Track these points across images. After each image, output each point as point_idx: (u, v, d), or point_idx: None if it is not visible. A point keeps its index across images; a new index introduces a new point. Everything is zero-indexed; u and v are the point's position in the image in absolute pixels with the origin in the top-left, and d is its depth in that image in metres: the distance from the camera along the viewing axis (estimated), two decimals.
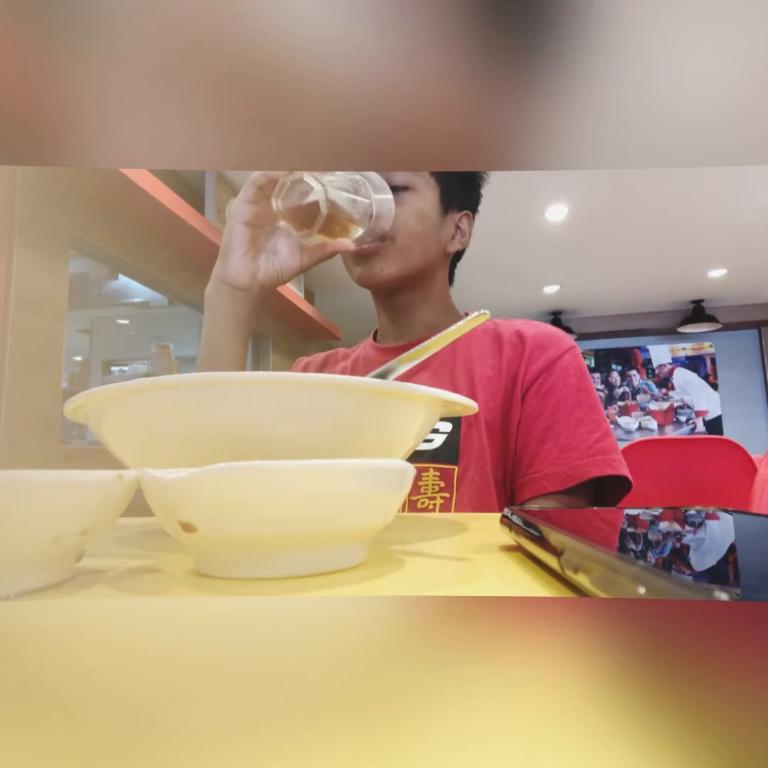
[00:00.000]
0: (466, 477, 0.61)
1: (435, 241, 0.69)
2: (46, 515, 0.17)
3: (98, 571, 0.21)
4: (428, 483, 0.61)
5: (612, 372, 4.93)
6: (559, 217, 2.99)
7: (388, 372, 0.37)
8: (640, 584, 0.11)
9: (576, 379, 0.63)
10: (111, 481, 0.19)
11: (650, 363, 4.87)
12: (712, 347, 4.74)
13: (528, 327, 0.68)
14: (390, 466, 0.20)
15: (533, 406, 0.62)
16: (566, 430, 0.60)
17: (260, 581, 0.19)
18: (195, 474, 0.18)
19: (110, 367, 2.98)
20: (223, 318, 0.56)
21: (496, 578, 0.19)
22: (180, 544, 0.29)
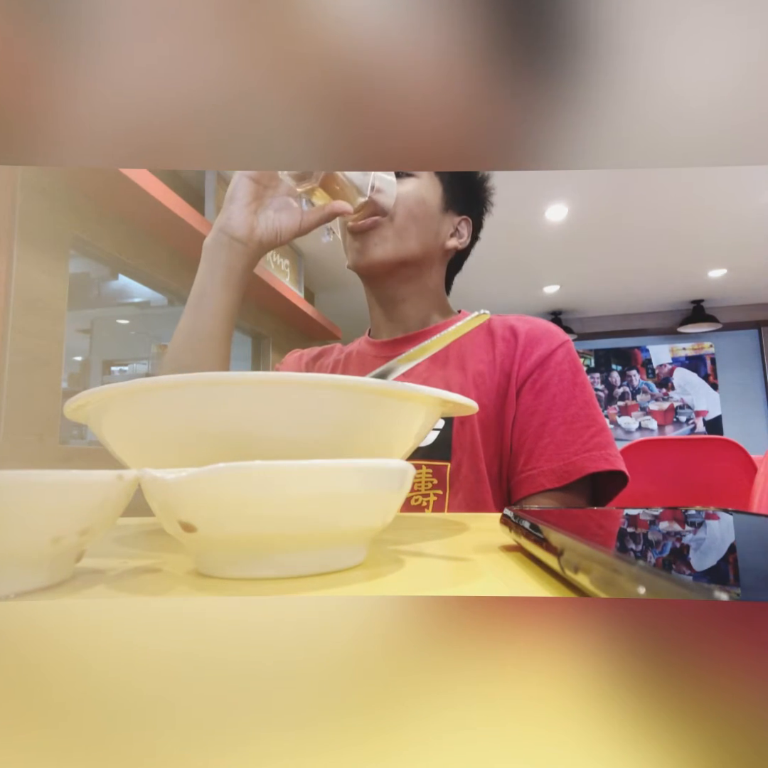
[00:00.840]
0: (460, 474, 0.61)
1: (432, 232, 0.69)
2: (45, 515, 0.17)
3: (98, 571, 0.21)
4: (421, 480, 0.62)
5: (612, 372, 4.93)
6: (559, 217, 2.99)
7: (388, 372, 0.37)
8: (640, 584, 0.11)
9: (571, 373, 0.62)
10: (111, 481, 0.19)
11: (650, 363, 4.87)
12: (712, 347, 4.74)
13: (521, 322, 0.67)
14: (390, 466, 0.20)
15: (528, 402, 0.62)
16: (562, 426, 0.59)
17: (260, 581, 0.19)
18: (195, 474, 0.18)
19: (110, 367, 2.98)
20: (217, 268, 0.56)
21: (496, 578, 0.19)
22: (180, 544, 0.29)
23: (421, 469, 0.62)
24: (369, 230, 0.66)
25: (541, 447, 0.59)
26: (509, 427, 0.62)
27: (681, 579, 0.11)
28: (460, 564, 0.22)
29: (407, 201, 0.66)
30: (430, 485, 0.61)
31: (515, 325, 0.67)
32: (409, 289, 0.71)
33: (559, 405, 0.61)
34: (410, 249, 0.67)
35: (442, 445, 0.62)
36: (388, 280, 0.70)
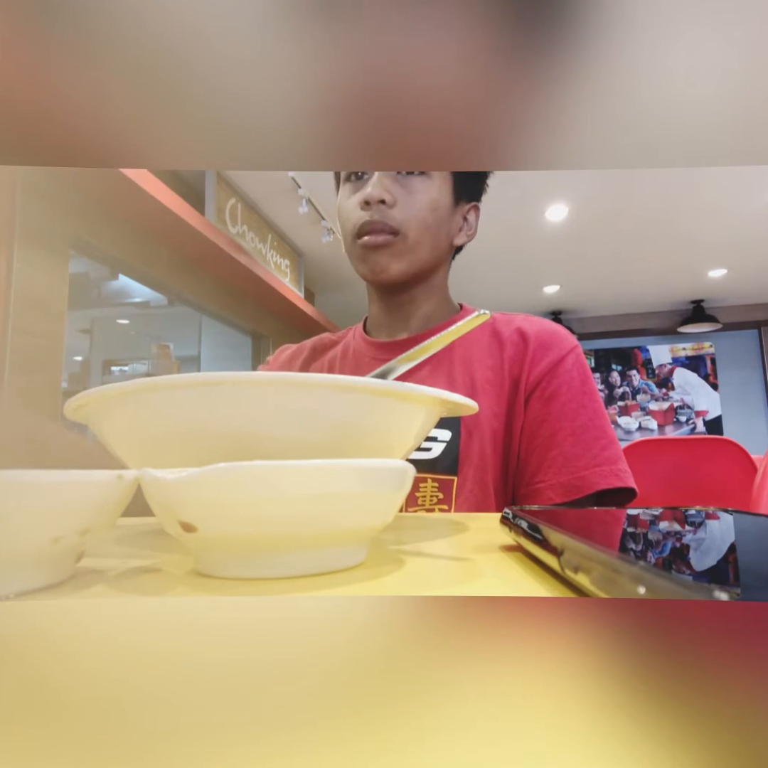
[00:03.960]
0: (465, 488, 0.58)
1: (444, 234, 0.67)
2: (46, 515, 0.17)
3: (98, 571, 0.21)
4: (426, 494, 0.59)
5: (612, 372, 4.93)
6: (559, 217, 3.00)
7: (388, 372, 0.37)
8: (640, 584, 0.11)
9: (580, 381, 0.61)
10: (111, 481, 0.19)
11: (650, 363, 4.87)
12: (712, 347, 4.74)
13: (529, 324, 0.65)
14: (390, 466, 0.20)
15: (537, 410, 0.60)
16: (571, 437, 0.58)
17: (260, 581, 0.19)
18: (195, 474, 0.18)
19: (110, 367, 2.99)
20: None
21: (496, 578, 0.19)
22: (180, 544, 0.29)
23: (426, 482, 0.59)
24: (381, 249, 0.63)
25: (549, 459, 0.58)
26: (517, 436, 0.60)
27: (681, 579, 0.11)
28: (460, 564, 0.22)
29: (420, 214, 0.63)
30: (435, 500, 0.59)
31: (523, 327, 0.64)
32: (417, 291, 0.69)
33: (568, 414, 0.59)
34: (423, 259, 0.65)
35: (448, 458, 0.59)
36: (398, 287, 0.68)
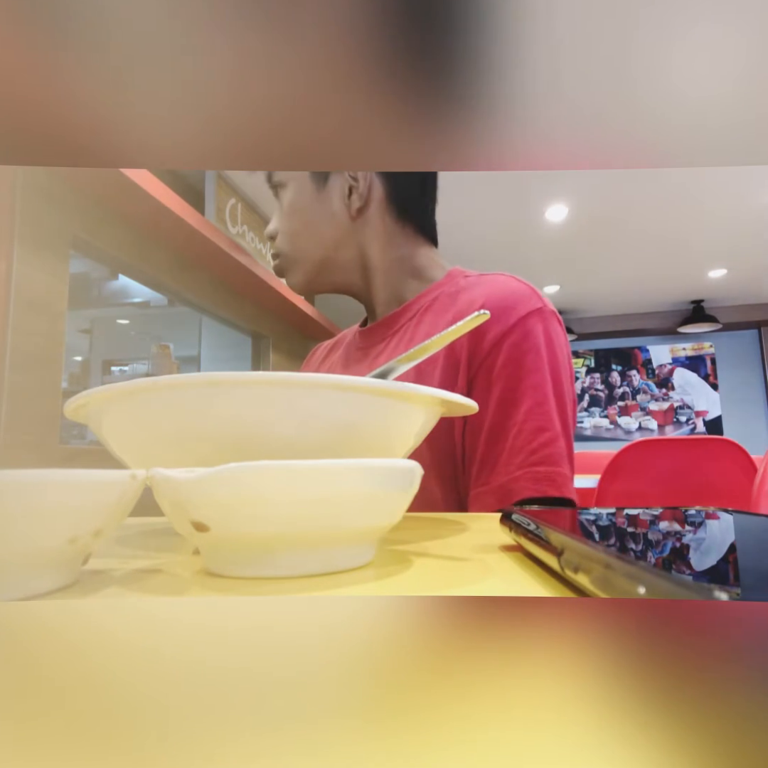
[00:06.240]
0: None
1: (326, 222, 0.62)
2: (65, 515, 0.17)
3: (105, 572, 0.21)
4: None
5: (612, 372, 4.93)
6: (559, 217, 3.00)
7: (388, 372, 0.37)
8: (640, 584, 0.11)
9: (533, 355, 0.50)
10: (126, 481, 0.18)
11: (650, 363, 4.88)
12: (712, 347, 4.74)
13: (479, 289, 0.56)
14: (399, 466, 0.21)
15: (479, 397, 0.51)
16: (514, 427, 0.49)
17: (270, 580, 0.19)
18: (208, 473, 0.18)
19: (110, 367, 2.99)
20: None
21: (496, 578, 0.19)
22: (181, 545, 0.29)
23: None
24: (281, 274, 0.64)
25: (493, 455, 0.49)
26: (460, 428, 0.52)
27: (681, 579, 0.11)
28: (460, 564, 0.22)
29: (284, 226, 0.62)
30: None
31: (473, 296, 0.55)
32: (355, 281, 0.64)
33: (512, 400, 0.49)
34: (316, 258, 0.62)
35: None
36: (331, 290, 0.66)
